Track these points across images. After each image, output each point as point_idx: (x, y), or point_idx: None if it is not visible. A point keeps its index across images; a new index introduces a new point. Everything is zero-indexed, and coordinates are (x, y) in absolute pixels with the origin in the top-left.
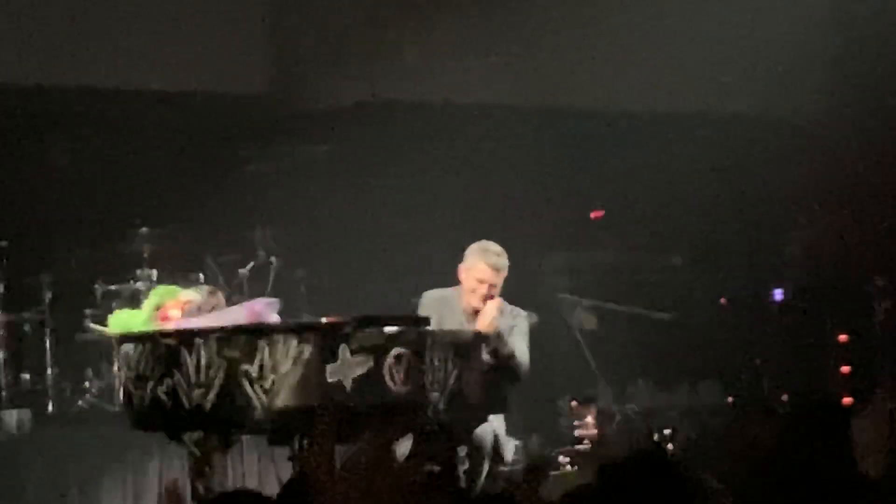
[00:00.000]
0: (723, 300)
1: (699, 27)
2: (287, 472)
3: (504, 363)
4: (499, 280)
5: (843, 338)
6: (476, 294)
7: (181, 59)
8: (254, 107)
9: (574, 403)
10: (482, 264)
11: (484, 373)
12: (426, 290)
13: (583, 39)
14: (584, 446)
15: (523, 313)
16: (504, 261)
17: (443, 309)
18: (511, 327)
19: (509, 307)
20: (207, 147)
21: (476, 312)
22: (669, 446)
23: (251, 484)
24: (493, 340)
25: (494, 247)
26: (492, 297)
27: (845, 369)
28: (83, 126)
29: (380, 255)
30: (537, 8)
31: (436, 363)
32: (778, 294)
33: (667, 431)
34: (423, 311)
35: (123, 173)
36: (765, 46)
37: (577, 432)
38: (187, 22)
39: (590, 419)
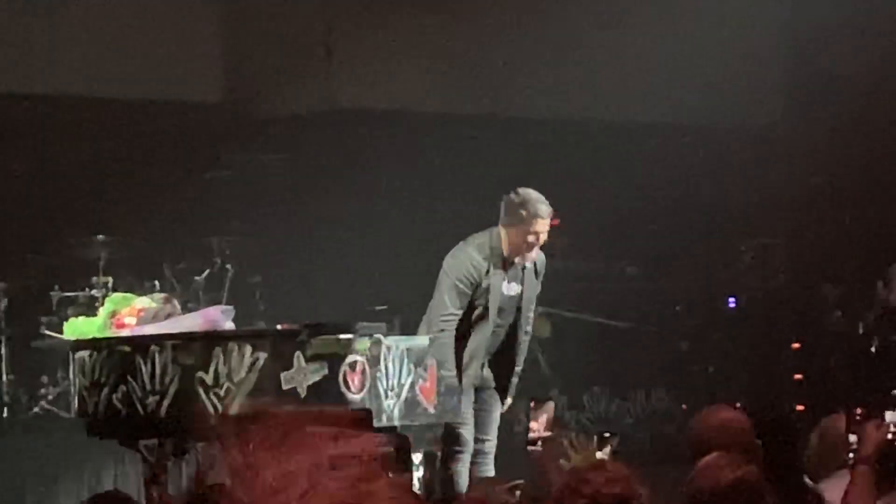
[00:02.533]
0: (678, 308)
1: (658, 39)
2: None
3: None
4: (545, 227)
5: (795, 346)
6: (530, 248)
7: (137, 68)
8: (209, 115)
9: (532, 403)
10: (541, 219)
11: (439, 380)
12: (383, 297)
13: (542, 51)
14: (537, 448)
15: None
16: (540, 199)
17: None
18: None
19: None
20: (163, 155)
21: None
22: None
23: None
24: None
25: (529, 193)
26: (538, 248)
27: (798, 377)
28: (39, 133)
29: (336, 263)
30: (497, 18)
31: (391, 370)
32: (732, 302)
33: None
34: (458, 269)
35: (80, 181)
36: (721, 59)
37: (530, 435)
38: (142, 30)
39: (542, 420)
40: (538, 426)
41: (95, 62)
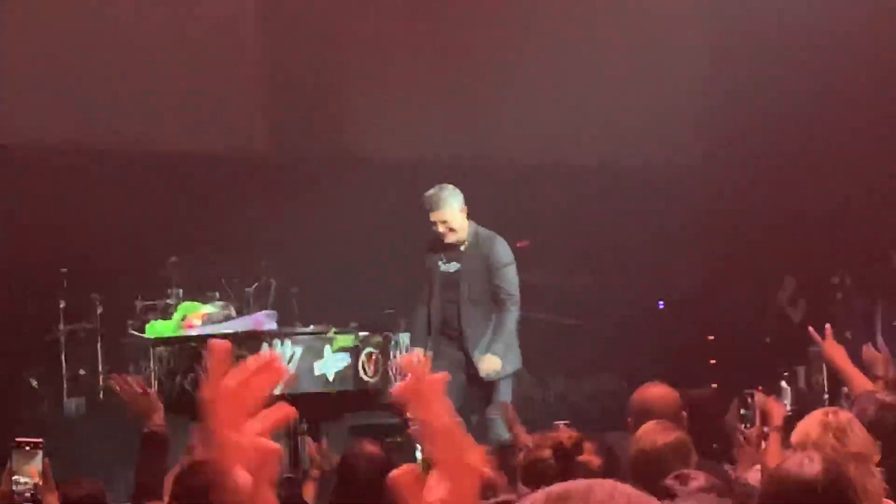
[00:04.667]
0: (619, 309)
1: (598, 93)
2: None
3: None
4: (444, 216)
5: (710, 338)
6: (442, 232)
7: (201, 126)
8: (258, 164)
9: None
10: (432, 210)
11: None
12: (390, 304)
13: (520, 105)
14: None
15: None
16: (434, 195)
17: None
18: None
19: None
20: (222, 195)
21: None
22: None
23: None
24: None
25: (430, 190)
26: (452, 231)
27: (713, 362)
28: (127, 185)
29: (356, 277)
30: (486, 75)
31: (398, 358)
32: (661, 304)
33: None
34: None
35: (157, 216)
36: (648, 107)
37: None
38: (203, 97)
39: None
40: None
41: (163, 122)
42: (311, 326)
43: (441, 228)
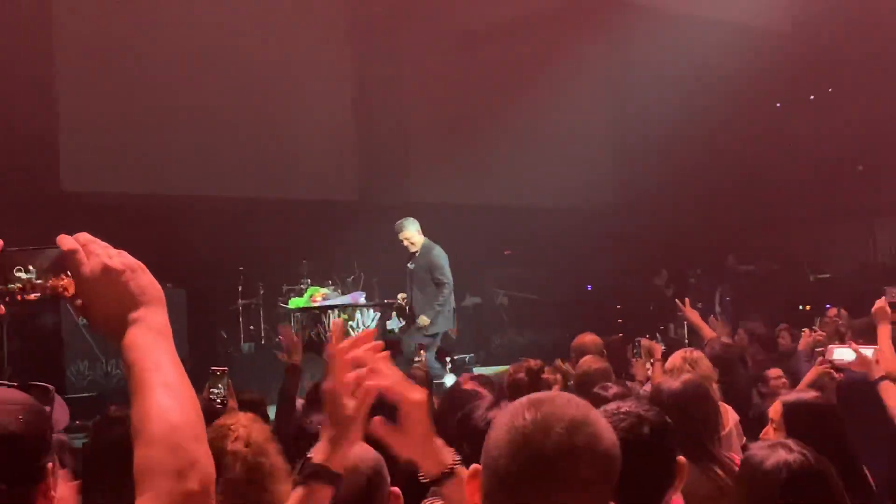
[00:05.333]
0: (563, 290)
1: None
2: None
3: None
4: (405, 236)
5: (618, 306)
6: (408, 248)
7: (316, 181)
8: (351, 205)
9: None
10: (398, 232)
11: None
12: None
13: (516, 166)
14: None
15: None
16: (399, 223)
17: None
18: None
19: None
20: (331, 224)
21: (410, 256)
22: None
23: None
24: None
25: (398, 221)
26: (412, 244)
27: (620, 320)
28: (280, 219)
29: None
30: (494, 140)
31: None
32: (589, 287)
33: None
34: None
35: (297, 238)
36: (574, 165)
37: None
38: (317, 163)
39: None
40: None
41: (293, 180)
42: (385, 300)
43: (405, 243)
